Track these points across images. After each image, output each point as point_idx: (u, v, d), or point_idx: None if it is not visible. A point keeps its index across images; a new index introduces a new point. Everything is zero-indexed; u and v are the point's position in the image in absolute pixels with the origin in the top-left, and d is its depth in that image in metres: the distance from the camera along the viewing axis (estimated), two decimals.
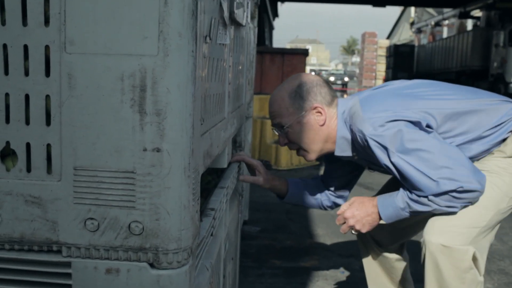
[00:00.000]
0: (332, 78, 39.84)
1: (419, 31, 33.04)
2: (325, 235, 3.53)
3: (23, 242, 0.91)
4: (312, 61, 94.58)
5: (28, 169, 0.90)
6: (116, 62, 0.83)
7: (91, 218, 0.89)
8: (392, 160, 1.61)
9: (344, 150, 1.80)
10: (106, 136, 0.86)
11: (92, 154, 0.87)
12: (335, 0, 27.74)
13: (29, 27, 0.85)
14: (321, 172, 5.63)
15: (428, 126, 1.63)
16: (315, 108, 1.76)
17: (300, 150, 1.83)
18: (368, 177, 3.29)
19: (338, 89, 36.96)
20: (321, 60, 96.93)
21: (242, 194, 2.28)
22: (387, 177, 2.05)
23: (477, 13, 23.75)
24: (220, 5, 1.10)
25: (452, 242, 1.62)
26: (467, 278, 1.63)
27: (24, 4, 0.85)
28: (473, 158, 1.73)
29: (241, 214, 2.57)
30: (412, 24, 39.04)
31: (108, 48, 0.83)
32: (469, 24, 25.79)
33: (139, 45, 0.83)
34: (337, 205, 2.12)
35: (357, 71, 54.35)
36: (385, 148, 1.61)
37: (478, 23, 23.06)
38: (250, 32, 2.94)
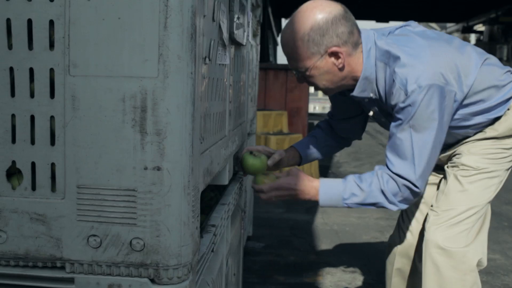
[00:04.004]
0: None
1: None
2: (329, 251, 3.54)
3: (28, 258, 0.94)
4: None
5: (33, 188, 0.93)
6: (117, 84, 0.87)
7: (94, 235, 0.92)
8: (403, 127, 1.60)
9: (363, 90, 1.72)
10: (108, 155, 0.89)
11: (94, 173, 0.90)
12: None
13: (34, 51, 0.89)
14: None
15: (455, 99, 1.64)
16: (331, 52, 1.61)
17: (319, 87, 1.73)
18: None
19: None
20: None
21: (244, 210, 2.31)
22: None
23: (480, 27, 23.84)
24: (220, 27, 1.14)
25: (453, 244, 1.64)
26: (468, 281, 1.65)
27: (30, 29, 0.89)
28: (468, 128, 1.76)
29: (244, 230, 2.59)
30: None
31: (110, 70, 0.87)
32: (472, 38, 25.87)
33: (140, 68, 0.86)
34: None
35: None
36: (408, 113, 1.58)
37: (481, 37, 23.14)
38: (252, 50, 2.98)
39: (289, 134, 6.14)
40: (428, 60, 1.57)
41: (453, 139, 1.80)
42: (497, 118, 1.76)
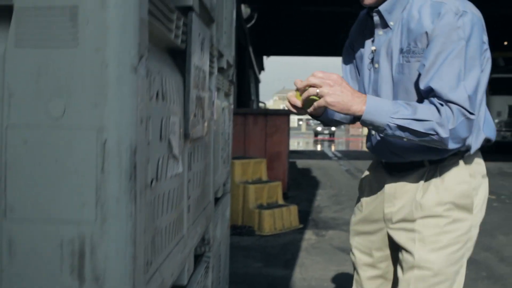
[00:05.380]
0: (319, 128, 40.15)
1: None
2: None
3: None
4: None
5: None
6: (55, 229, 0.85)
7: None
8: (449, 48, 1.52)
9: (391, 11, 1.67)
10: None
11: None
12: (321, 53, 28.33)
13: None
14: (306, 235, 5.62)
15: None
16: None
17: None
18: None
19: (326, 139, 37.25)
20: None
21: None
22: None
23: None
24: (169, 143, 1.14)
25: None
26: None
27: None
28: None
29: None
30: None
31: (48, 215, 0.86)
32: None
33: (77, 212, 0.85)
34: None
35: None
36: (457, 33, 1.53)
37: None
38: (224, 113, 2.99)
39: (268, 182, 6.15)
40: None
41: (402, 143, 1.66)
42: (448, 161, 1.68)
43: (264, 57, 28.42)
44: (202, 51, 1.46)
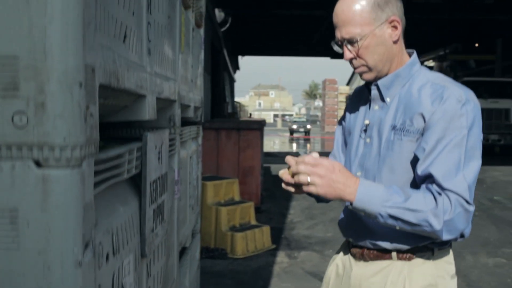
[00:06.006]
0: (294, 126, 40.25)
1: None
2: None
3: None
4: (275, 106, 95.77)
5: None
6: None
7: None
8: (451, 136, 1.50)
9: (389, 87, 1.65)
10: None
11: None
12: (294, 53, 28.43)
13: None
14: (279, 257, 5.63)
15: None
16: (392, 21, 1.60)
17: (362, 66, 1.65)
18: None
19: (301, 137, 37.38)
20: (284, 104, 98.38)
21: None
22: None
23: (430, 63, 24.62)
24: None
25: None
26: None
27: None
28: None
29: None
30: None
31: None
32: None
33: None
34: None
35: (320, 115, 55.25)
36: (459, 121, 1.51)
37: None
38: (193, 158, 2.97)
39: (240, 203, 6.14)
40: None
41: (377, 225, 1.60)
42: (417, 258, 1.63)
43: (239, 57, 28.40)
44: (160, 151, 1.45)
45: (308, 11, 15.58)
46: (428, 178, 1.52)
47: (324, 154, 1.90)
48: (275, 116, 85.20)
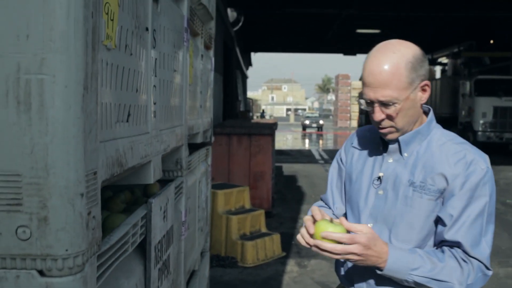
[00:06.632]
0: (307, 121, 40.16)
1: None
2: None
3: None
4: (288, 100, 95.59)
5: None
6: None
7: None
8: (475, 204, 1.56)
9: (409, 142, 1.65)
10: None
11: None
12: (307, 50, 28.33)
13: None
14: (289, 265, 5.66)
15: None
16: (424, 85, 1.60)
17: (390, 127, 1.63)
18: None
19: (313, 132, 37.32)
20: (297, 98, 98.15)
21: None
22: None
23: (444, 59, 24.41)
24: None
25: None
26: None
27: None
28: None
29: None
30: None
31: None
32: (438, 70, 26.45)
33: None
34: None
35: (333, 109, 55.05)
36: (483, 189, 1.56)
37: (446, 67, 23.70)
38: (202, 180, 3.00)
39: (251, 212, 6.17)
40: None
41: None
42: None
43: (252, 54, 28.38)
44: (166, 210, 1.48)
45: (321, 9, 15.55)
46: (455, 244, 1.58)
47: (336, 152, 1.93)
48: (288, 110, 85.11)
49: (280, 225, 7.42)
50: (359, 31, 19.47)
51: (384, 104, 1.57)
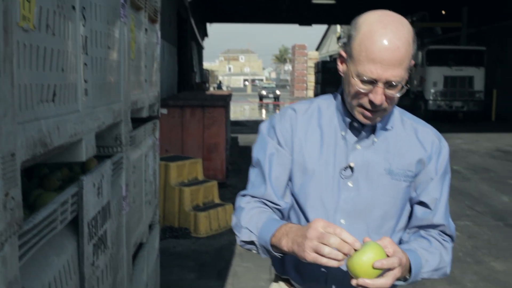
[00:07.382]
0: (264, 92, 40.23)
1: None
2: None
3: None
4: (245, 70, 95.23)
5: None
6: None
7: None
8: (442, 178, 1.57)
9: (384, 123, 1.54)
10: None
11: None
12: (263, 20, 28.23)
13: None
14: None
15: None
16: (413, 63, 1.44)
17: (381, 111, 1.44)
18: None
19: (270, 102, 37.43)
20: (254, 69, 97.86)
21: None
22: None
23: None
24: None
25: None
26: None
27: None
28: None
29: None
30: (338, 38, 40.13)
31: None
32: None
33: None
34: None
35: (290, 80, 55.22)
36: (444, 164, 1.58)
37: None
38: (149, 155, 3.01)
39: (204, 183, 6.21)
40: None
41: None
42: None
43: (208, 24, 28.06)
44: (101, 186, 1.49)
45: None
46: (439, 226, 1.59)
47: None
48: (245, 80, 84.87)
49: (234, 195, 7.43)
50: (314, 1, 19.50)
51: (391, 85, 1.37)
